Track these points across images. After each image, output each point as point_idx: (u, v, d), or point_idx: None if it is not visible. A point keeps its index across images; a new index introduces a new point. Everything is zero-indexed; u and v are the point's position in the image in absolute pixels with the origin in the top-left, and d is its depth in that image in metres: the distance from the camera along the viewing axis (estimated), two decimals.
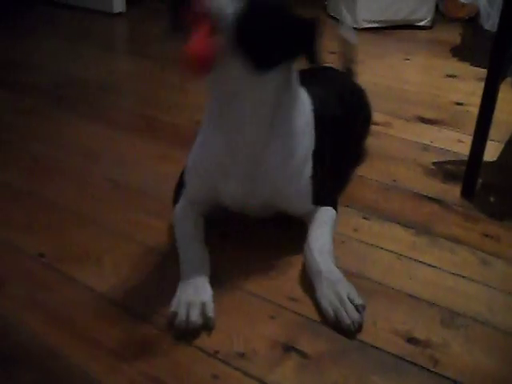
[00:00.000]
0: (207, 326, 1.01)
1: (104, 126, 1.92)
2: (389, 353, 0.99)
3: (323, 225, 1.20)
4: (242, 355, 0.97)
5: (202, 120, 1.20)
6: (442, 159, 1.74)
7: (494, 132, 1.61)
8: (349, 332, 1.01)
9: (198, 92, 2.22)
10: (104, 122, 1.96)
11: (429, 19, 3.49)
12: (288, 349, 0.99)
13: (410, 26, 3.44)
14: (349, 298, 1.04)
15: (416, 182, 1.59)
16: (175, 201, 1.28)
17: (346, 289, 1.05)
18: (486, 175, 1.61)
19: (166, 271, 1.18)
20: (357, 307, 1.03)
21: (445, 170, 1.68)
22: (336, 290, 1.05)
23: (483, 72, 2.58)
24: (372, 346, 1.00)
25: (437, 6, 3.60)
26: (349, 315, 1.02)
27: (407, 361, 0.97)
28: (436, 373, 0.95)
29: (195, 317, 0.99)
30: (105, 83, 2.37)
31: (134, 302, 1.09)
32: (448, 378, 0.94)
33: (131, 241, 1.28)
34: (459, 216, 1.44)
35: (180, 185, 1.28)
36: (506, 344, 1.02)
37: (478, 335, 1.04)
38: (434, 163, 1.71)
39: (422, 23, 3.48)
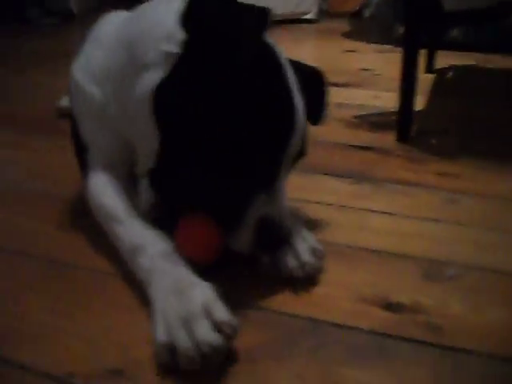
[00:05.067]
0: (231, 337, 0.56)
1: None
2: (363, 330, 0.62)
3: None
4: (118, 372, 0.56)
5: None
6: (361, 113, 1.44)
7: None
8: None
9: (54, 86, 1.82)
10: None
11: (314, 12, 3.31)
12: None
13: (295, 21, 3.23)
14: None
15: (339, 135, 1.27)
16: (84, 174, 0.83)
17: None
18: (418, 123, 1.33)
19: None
20: (314, 250, 0.70)
21: (369, 122, 1.37)
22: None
23: (381, 47, 2.47)
24: (337, 324, 0.63)
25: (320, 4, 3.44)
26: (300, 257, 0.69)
27: (392, 336, 0.61)
28: (440, 345, 0.59)
29: (208, 336, 0.54)
30: None
31: None
32: (456, 349, 0.58)
33: None
34: (403, 159, 1.12)
35: (81, 150, 0.84)
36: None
37: (479, 284, 0.70)
38: (355, 116, 1.41)
39: (307, 16, 3.29)
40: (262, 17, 0.62)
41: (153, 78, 0.66)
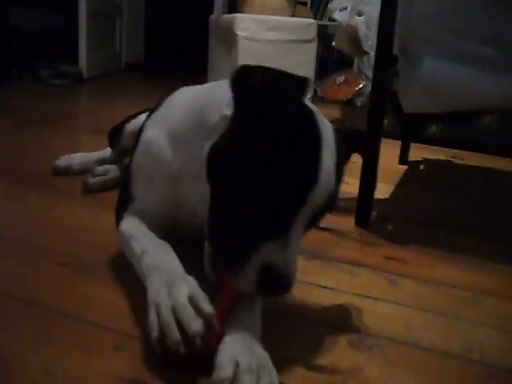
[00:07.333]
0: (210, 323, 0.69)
1: None
2: None
3: None
4: None
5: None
6: None
7: (383, 176, 1.52)
8: None
9: (55, 145, 1.97)
10: None
11: (309, 97, 3.53)
12: None
13: None
14: None
15: None
16: (119, 218, 0.98)
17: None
18: (380, 209, 1.46)
19: None
20: None
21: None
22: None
23: None
24: None
25: (315, 91, 3.69)
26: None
27: None
28: None
29: (191, 318, 0.67)
30: None
31: None
32: None
33: None
34: (356, 242, 1.24)
35: (125, 199, 0.99)
36: (430, 361, 0.79)
37: (397, 355, 0.80)
38: None
39: None
40: (301, 85, 0.73)
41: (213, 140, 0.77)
